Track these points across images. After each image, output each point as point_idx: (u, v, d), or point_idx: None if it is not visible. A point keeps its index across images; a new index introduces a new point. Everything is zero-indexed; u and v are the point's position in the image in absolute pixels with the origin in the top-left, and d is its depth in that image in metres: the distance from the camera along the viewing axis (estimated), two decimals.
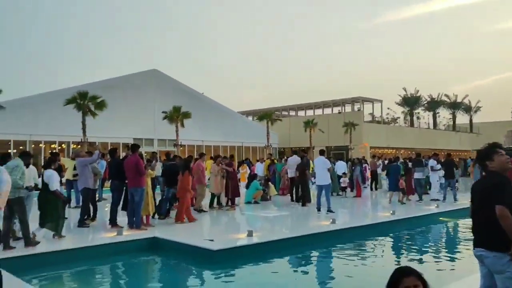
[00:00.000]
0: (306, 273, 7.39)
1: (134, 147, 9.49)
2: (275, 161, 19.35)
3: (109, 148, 27.33)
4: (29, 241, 7.38)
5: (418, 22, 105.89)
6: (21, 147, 26.36)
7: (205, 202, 12.81)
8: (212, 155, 24.07)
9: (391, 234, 10.31)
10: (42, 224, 7.95)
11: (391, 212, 11.67)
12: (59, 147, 28.28)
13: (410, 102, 52.99)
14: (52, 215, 8.01)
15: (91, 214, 10.39)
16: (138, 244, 8.37)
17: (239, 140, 39.03)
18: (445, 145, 49.17)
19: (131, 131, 31.02)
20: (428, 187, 17.09)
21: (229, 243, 7.83)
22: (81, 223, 9.49)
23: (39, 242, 7.57)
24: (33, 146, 27.61)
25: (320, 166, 12.36)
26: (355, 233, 9.73)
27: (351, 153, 38.64)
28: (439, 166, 15.38)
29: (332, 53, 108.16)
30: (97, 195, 12.04)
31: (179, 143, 30.43)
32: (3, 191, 3.92)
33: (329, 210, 12.00)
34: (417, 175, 15.35)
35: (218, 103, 39.41)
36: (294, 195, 14.64)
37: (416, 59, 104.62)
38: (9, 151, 24.14)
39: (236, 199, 13.40)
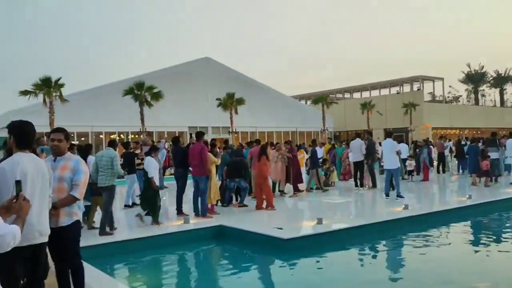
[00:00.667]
0: (380, 262, 6.88)
1: (199, 135, 9.34)
2: (335, 145, 18.64)
3: (165, 136, 27.97)
4: (104, 231, 7.48)
5: None
6: (82, 138, 27.48)
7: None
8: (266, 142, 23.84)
9: (470, 220, 9.50)
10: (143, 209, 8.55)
11: (467, 196, 10.76)
12: (118, 137, 29.14)
13: (475, 79, 49.66)
14: (151, 202, 8.36)
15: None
16: (205, 232, 8.19)
17: (294, 125, 38.45)
18: None
19: (185, 120, 31.40)
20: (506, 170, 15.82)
21: (299, 231, 7.47)
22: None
23: (112, 233, 7.59)
24: (94, 137, 28.68)
25: (388, 149, 11.61)
26: (432, 219, 9.03)
27: (411, 135, 36.92)
28: None
29: (389, 30, 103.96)
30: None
31: (234, 130, 30.39)
32: (81, 183, 3.72)
33: (399, 195, 11.28)
34: (493, 155, 14.17)
35: (271, 87, 38.95)
36: (358, 180, 13.98)
37: (480, 33, 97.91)
38: (73, 142, 25.19)
39: (299, 185, 12.96)
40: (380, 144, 14.36)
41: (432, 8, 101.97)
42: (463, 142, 19.30)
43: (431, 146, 19.65)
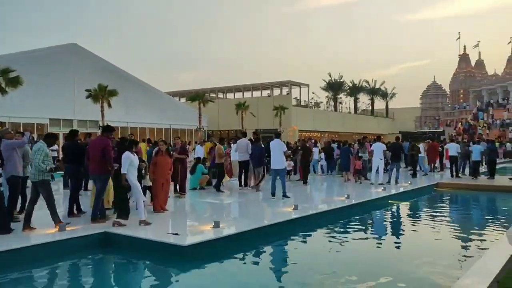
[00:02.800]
0: (285, 263, 6.77)
1: (107, 129, 8.50)
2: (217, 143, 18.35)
3: (21, 129, 24.44)
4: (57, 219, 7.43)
5: (342, 9, 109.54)
6: None
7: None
8: (142, 138, 22.56)
9: (351, 218, 10.09)
10: None
11: (346, 196, 11.48)
12: None
13: (335, 87, 54.58)
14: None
15: (20, 205, 8.80)
16: (84, 241, 7.05)
17: (167, 122, 37.31)
18: (365, 129, 51.59)
19: (46, 111, 28.08)
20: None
21: (199, 237, 6.91)
22: (11, 217, 7.92)
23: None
24: None
25: (276, 149, 11.74)
26: (321, 218, 9.35)
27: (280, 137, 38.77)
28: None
29: (263, 35, 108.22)
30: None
31: (103, 124, 28.09)
32: None
33: (285, 195, 11.49)
34: (364, 156, 15.78)
35: (145, 82, 37.21)
36: (242, 180, 13.93)
37: (340, 46, 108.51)
38: None
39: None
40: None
41: (302, 19, 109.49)
42: (332, 145, 20.73)
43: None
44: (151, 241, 6.82)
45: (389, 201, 12.55)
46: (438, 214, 11.41)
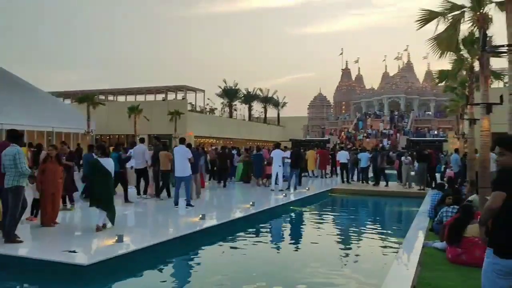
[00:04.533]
0: (191, 277, 6.35)
1: (9, 134, 7.16)
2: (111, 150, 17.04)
3: None
4: (12, 237, 6.63)
5: (237, 18, 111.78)
6: None
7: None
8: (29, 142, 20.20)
9: (255, 226, 10.03)
10: None
11: (251, 203, 11.40)
12: None
13: (230, 94, 55.05)
14: None
15: None
16: None
17: (48, 124, 33.88)
18: (259, 137, 52.97)
19: None
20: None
21: (100, 254, 6.14)
22: None
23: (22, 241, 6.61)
24: None
25: (180, 156, 11.21)
26: (230, 227, 9.09)
27: (175, 142, 37.82)
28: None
29: (155, 40, 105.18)
30: None
31: None
32: None
33: (189, 204, 11.03)
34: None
35: (22, 79, 33.44)
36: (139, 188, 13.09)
37: (235, 53, 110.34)
38: None
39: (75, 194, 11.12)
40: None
41: (195, 24, 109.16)
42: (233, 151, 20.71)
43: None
44: (44, 261, 5.86)
45: (291, 207, 12.80)
46: (335, 217, 12.00)
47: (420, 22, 9.16)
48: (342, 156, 19.66)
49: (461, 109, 21.08)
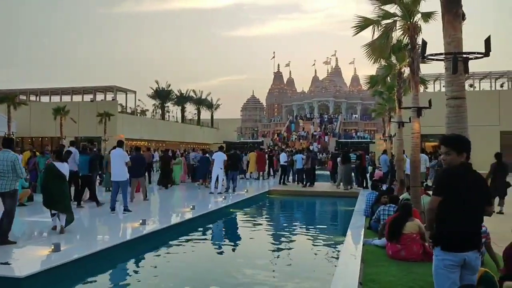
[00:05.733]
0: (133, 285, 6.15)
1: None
2: (37, 153, 15.93)
3: None
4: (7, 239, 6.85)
5: (168, 18, 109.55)
6: None
7: None
8: None
9: (197, 229, 9.91)
10: None
11: (191, 207, 11.24)
12: None
13: (162, 95, 53.79)
14: None
15: None
16: None
17: None
18: (193, 139, 52.37)
19: None
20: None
21: (38, 264, 5.72)
22: None
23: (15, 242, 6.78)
24: None
25: (117, 159, 10.76)
26: (170, 232, 8.89)
27: (104, 145, 36.25)
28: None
29: (82, 37, 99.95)
30: None
31: None
32: None
33: (126, 209, 10.63)
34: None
35: None
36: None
37: (167, 54, 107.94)
38: None
39: None
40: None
41: (130, 25, 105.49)
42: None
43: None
44: None
45: (230, 209, 12.80)
46: (274, 219, 12.21)
47: (356, 29, 9.60)
48: (282, 158, 20.03)
49: (389, 112, 22.41)
